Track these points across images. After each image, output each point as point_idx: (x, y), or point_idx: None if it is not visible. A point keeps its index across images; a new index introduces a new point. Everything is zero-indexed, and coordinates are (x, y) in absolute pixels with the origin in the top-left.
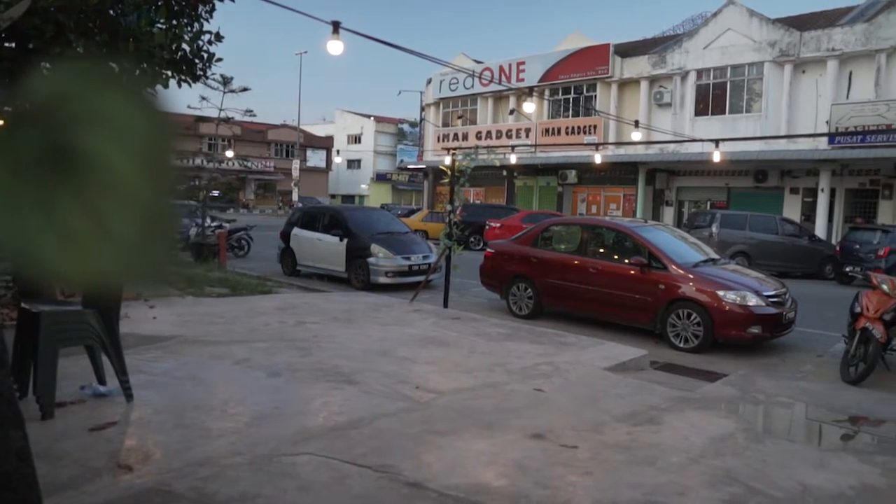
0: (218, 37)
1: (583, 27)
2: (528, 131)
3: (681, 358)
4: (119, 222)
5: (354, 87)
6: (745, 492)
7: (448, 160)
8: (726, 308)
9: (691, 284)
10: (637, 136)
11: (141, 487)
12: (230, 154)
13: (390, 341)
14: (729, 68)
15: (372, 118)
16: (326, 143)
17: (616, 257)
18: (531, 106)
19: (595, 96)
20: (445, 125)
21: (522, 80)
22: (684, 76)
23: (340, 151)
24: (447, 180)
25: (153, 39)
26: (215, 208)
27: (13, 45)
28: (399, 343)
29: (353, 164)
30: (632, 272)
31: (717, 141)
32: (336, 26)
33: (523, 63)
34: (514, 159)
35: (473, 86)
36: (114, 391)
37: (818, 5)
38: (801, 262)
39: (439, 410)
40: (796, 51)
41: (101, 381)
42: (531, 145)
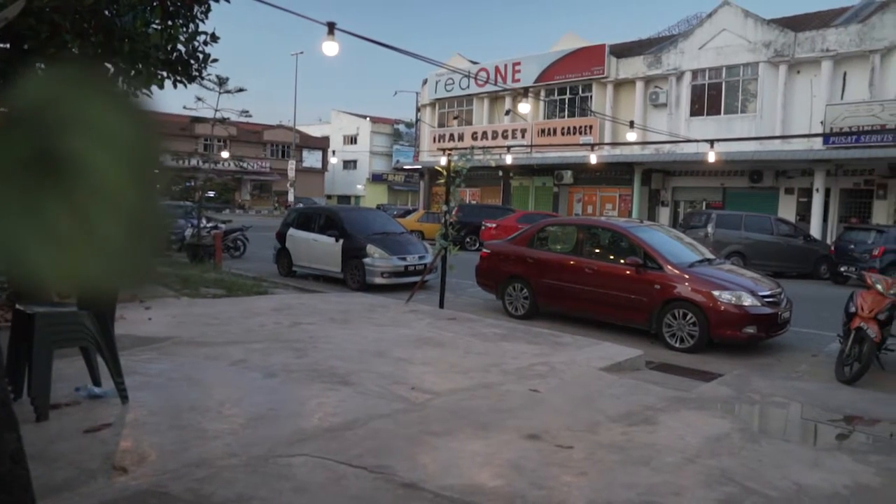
0: (213, 37)
1: (578, 28)
2: (524, 132)
3: (676, 358)
4: (106, 224)
5: (350, 88)
6: (741, 491)
7: (444, 161)
8: (722, 308)
9: (687, 284)
10: (632, 137)
11: (136, 489)
12: (226, 154)
13: (386, 342)
14: (724, 69)
15: (368, 119)
16: (322, 144)
17: (612, 257)
18: (526, 106)
19: (591, 97)
20: (441, 126)
21: (518, 81)
22: (680, 76)
23: (336, 152)
24: (443, 181)
25: (148, 40)
26: (211, 209)
27: (8, 46)
28: (395, 344)
29: (349, 165)
30: (627, 272)
31: (713, 141)
32: (331, 27)
33: (519, 63)
34: (510, 160)
35: (469, 86)
36: (109, 393)
37: (813, 6)
38: (797, 262)
39: (435, 411)
40: (791, 51)
41: (96, 383)
42: (527, 146)
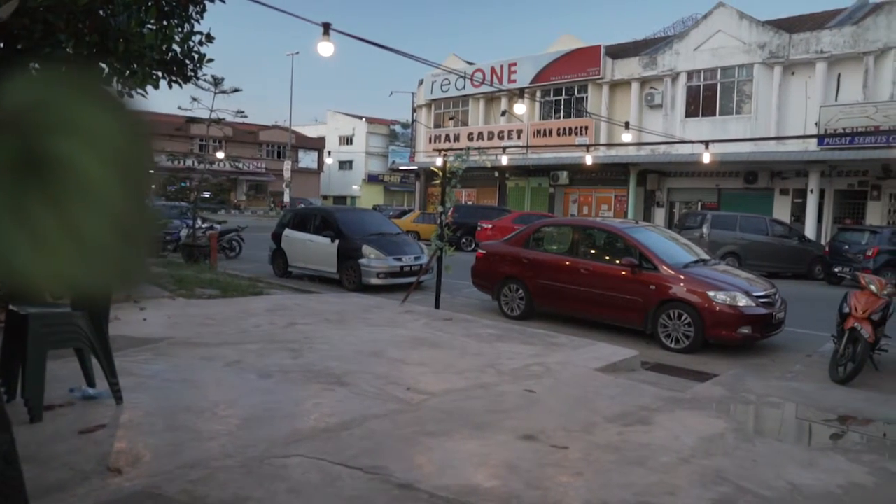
0: (209, 37)
1: (574, 29)
2: (520, 132)
3: (671, 358)
4: (95, 225)
5: (346, 89)
6: (735, 491)
7: (440, 161)
8: (717, 308)
9: (682, 285)
10: (627, 138)
11: (130, 490)
12: (221, 155)
13: (382, 342)
14: (719, 70)
15: (364, 119)
16: (318, 144)
17: (607, 258)
18: (522, 107)
19: (586, 98)
20: (437, 126)
21: (514, 82)
22: (675, 78)
23: (332, 152)
24: (439, 181)
25: (143, 40)
26: (206, 209)
27: (1, 46)
28: (390, 344)
29: (345, 166)
30: (623, 273)
31: (708, 142)
32: (326, 28)
33: (515, 64)
34: (506, 160)
35: (465, 87)
36: (103, 394)
37: (807, 8)
38: (791, 263)
39: (430, 411)
40: (786, 53)
41: (91, 384)
42: (523, 146)
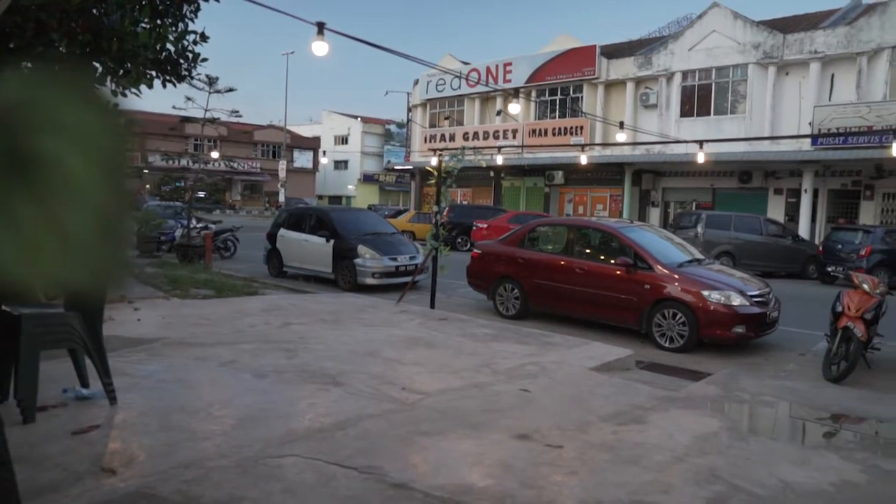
0: (203, 37)
1: (569, 29)
2: (515, 132)
3: (666, 357)
4: (76, 224)
5: (341, 88)
6: (729, 489)
7: (435, 161)
8: (711, 308)
9: (676, 284)
10: (622, 138)
11: (124, 491)
12: (216, 155)
13: (377, 342)
14: (714, 70)
15: (359, 119)
16: (313, 144)
17: (602, 258)
18: (517, 107)
19: (581, 97)
20: (432, 126)
21: (509, 81)
22: (670, 77)
23: (327, 152)
24: (434, 181)
25: (137, 39)
26: (201, 209)
27: None
28: (385, 344)
29: (340, 165)
30: (618, 272)
31: (702, 142)
32: (321, 27)
33: (510, 64)
34: (501, 160)
35: (460, 87)
36: (97, 394)
37: (801, 8)
38: (785, 262)
39: (425, 411)
40: (780, 53)
41: (84, 384)
42: (518, 146)
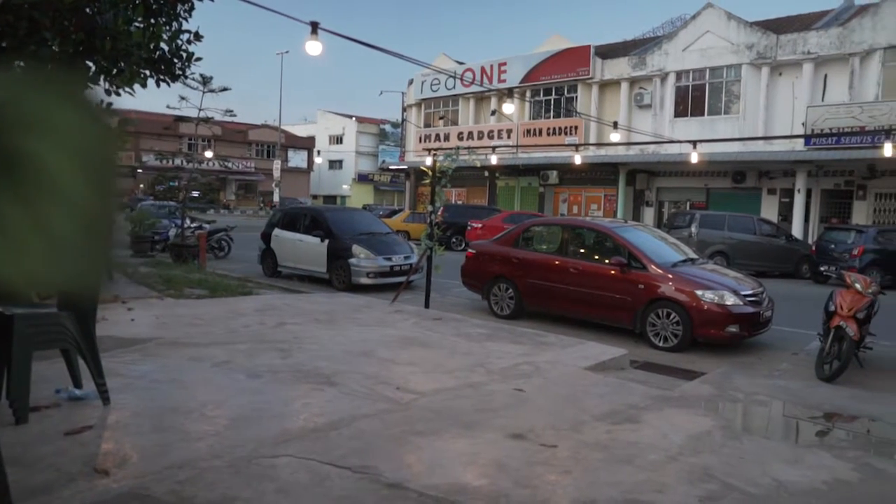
0: (197, 36)
1: (563, 29)
2: (510, 132)
3: (660, 357)
4: (59, 225)
5: (336, 88)
6: (722, 488)
7: (429, 161)
8: (705, 307)
9: (670, 284)
10: (616, 138)
11: (117, 492)
12: (210, 154)
13: (371, 342)
14: (707, 70)
15: (354, 118)
16: (308, 144)
17: (596, 257)
18: (511, 107)
19: (576, 97)
20: (427, 126)
21: (504, 81)
22: (664, 78)
23: (322, 152)
24: (429, 181)
25: (131, 38)
26: (195, 209)
27: None
28: (380, 344)
29: (335, 165)
30: (612, 272)
31: (696, 142)
32: (314, 27)
33: (505, 64)
34: (496, 160)
35: (455, 87)
36: (90, 394)
37: (794, 9)
38: (778, 262)
39: (420, 411)
40: (773, 53)
41: (77, 385)
42: (513, 146)
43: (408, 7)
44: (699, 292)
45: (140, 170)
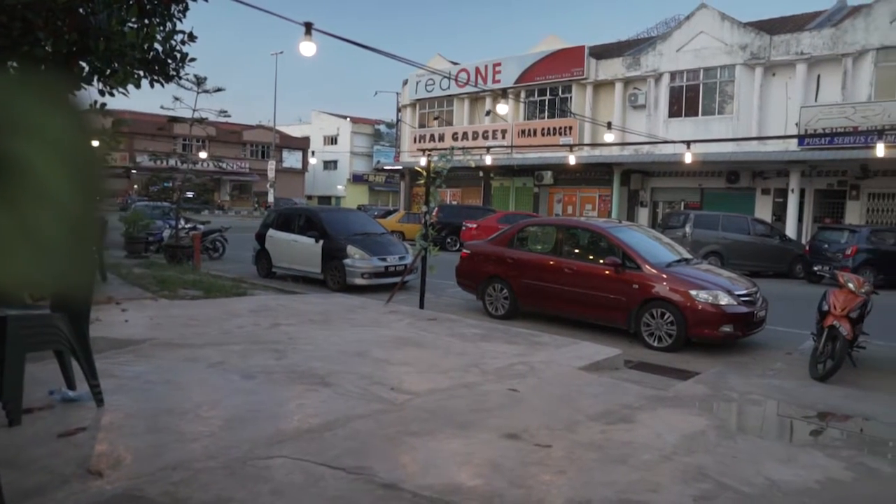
0: (191, 36)
1: (558, 30)
2: (504, 132)
3: (654, 357)
4: (44, 227)
5: (331, 89)
6: (716, 487)
7: (424, 161)
8: (699, 307)
9: (665, 284)
10: (610, 138)
11: (111, 493)
12: (204, 155)
13: (366, 343)
14: (701, 70)
15: (348, 119)
16: (302, 144)
17: (591, 258)
18: (505, 107)
19: (570, 98)
20: (422, 126)
21: (498, 82)
22: (658, 78)
23: (316, 152)
24: (423, 181)
25: (124, 39)
26: (189, 209)
27: None
28: (374, 344)
29: (330, 165)
30: (606, 272)
31: (690, 142)
32: (308, 27)
33: (499, 64)
34: (490, 160)
35: (450, 87)
36: (84, 396)
37: (788, 10)
38: (772, 262)
39: (414, 411)
40: (767, 54)
41: (71, 386)
42: (507, 146)
43: (403, 8)
44: (693, 292)
45: (134, 170)
